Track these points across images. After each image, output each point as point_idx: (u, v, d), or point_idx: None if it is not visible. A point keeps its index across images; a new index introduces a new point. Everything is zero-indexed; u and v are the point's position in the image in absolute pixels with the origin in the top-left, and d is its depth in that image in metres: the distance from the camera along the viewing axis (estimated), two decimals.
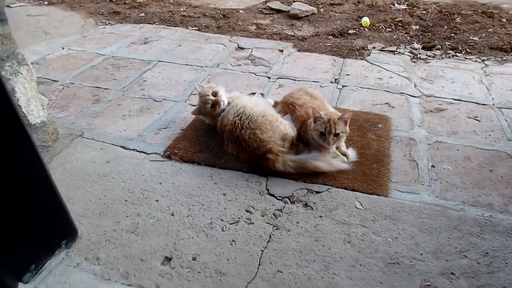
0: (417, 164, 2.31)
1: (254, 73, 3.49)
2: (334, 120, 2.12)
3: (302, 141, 2.35)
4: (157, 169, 2.28)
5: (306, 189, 2.10)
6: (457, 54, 3.85)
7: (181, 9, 5.25)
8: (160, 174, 2.24)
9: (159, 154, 2.41)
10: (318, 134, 2.14)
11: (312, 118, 2.18)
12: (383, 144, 2.46)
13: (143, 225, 1.90)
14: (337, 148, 2.32)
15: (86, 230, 1.88)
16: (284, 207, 1.99)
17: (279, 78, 3.40)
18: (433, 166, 2.30)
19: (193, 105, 2.94)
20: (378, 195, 2.05)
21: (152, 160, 2.36)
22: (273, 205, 2.00)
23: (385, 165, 2.28)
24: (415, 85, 3.25)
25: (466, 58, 3.77)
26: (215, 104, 2.50)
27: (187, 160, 2.33)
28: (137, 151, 2.44)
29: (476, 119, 2.79)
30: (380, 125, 2.66)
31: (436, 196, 2.07)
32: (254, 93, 3.03)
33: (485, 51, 3.91)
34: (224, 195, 2.08)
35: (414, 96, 3.08)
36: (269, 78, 3.40)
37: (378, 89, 3.20)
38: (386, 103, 2.99)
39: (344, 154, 2.29)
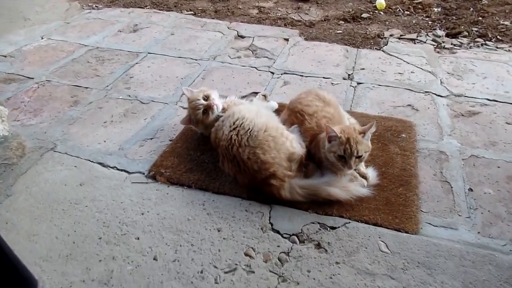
0: (451, 187, 1.92)
1: (255, 67, 3.06)
2: (356, 138, 1.72)
3: (312, 159, 1.96)
4: (139, 194, 1.91)
5: (319, 223, 1.72)
6: (487, 42, 3.39)
7: None
8: (143, 201, 1.87)
9: (143, 173, 2.03)
10: (336, 157, 1.74)
11: (325, 136, 1.78)
12: (408, 160, 2.07)
13: (119, 274, 1.54)
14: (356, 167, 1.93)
15: (49, 280, 1.53)
16: (291, 248, 1.62)
17: (284, 73, 2.97)
18: (470, 189, 1.91)
19: (185, 108, 2.53)
20: (407, 232, 1.67)
21: (135, 181, 1.98)
22: (278, 246, 1.64)
23: (413, 188, 1.89)
24: (441, 82, 2.82)
25: (497, 48, 3.30)
26: (208, 109, 2.10)
27: (175, 182, 1.96)
28: (117, 169, 2.07)
29: None
30: (403, 135, 2.25)
31: (478, 233, 1.69)
32: (256, 93, 2.62)
33: None
34: (218, 231, 1.71)
35: (441, 96, 2.66)
36: (272, 73, 2.98)
37: (398, 87, 2.77)
38: (409, 105, 2.57)
39: (364, 176, 1.90)
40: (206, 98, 2.13)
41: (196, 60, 3.18)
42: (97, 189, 1.94)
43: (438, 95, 2.66)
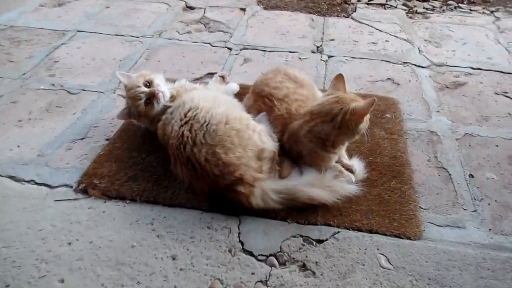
0: (450, 175, 1.63)
1: (209, 43, 2.60)
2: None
3: (286, 154, 1.58)
4: (65, 216, 1.45)
5: (301, 236, 1.37)
6: (460, 5, 3.13)
7: None
8: (70, 225, 1.42)
9: (71, 187, 1.57)
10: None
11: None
12: (397, 145, 1.75)
13: None
14: (339, 159, 1.59)
15: None
16: (270, 274, 1.26)
17: (244, 48, 2.54)
18: (471, 175, 1.63)
19: (124, 98, 2.06)
20: (409, 238, 1.36)
21: (59, 199, 1.52)
22: (253, 273, 1.26)
23: (407, 180, 1.58)
24: (419, 50, 2.52)
25: (471, 10, 3.05)
26: (151, 98, 1.65)
27: (113, 195, 1.52)
28: (35, 183, 1.58)
29: (506, 96, 2.12)
30: (388, 115, 1.93)
31: (490, 230, 1.41)
32: (212, 75, 2.19)
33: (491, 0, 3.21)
34: (173, 259, 1.31)
35: (422, 67, 2.36)
36: (230, 49, 2.54)
37: (374, 58, 2.44)
38: (389, 79, 2.25)
39: (350, 170, 1.56)
40: (149, 84, 1.67)
41: (137, 37, 2.66)
42: (5, 214, 1.45)
43: (418, 66, 2.36)
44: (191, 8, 3.07)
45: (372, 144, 1.74)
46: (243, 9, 3.04)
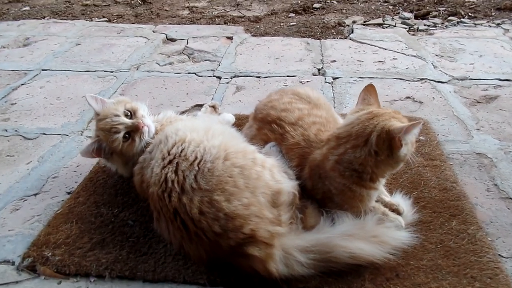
0: None
1: (195, 73, 2.27)
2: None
3: (309, 195, 1.18)
4: None
5: None
6: (462, 20, 2.91)
7: None
8: None
9: (12, 263, 1.12)
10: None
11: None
12: (443, 173, 1.37)
13: None
14: (378, 198, 1.19)
15: None
16: None
17: (235, 76, 2.21)
18: None
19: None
20: None
21: None
22: None
23: (471, 218, 1.18)
24: (434, 66, 2.22)
25: (476, 24, 2.83)
26: (133, 133, 1.26)
27: (72, 272, 1.07)
28: None
29: None
30: (421, 137, 1.57)
31: None
32: (201, 106, 1.82)
33: (493, 13, 3.02)
34: None
35: (442, 82, 2.05)
36: (219, 78, 2.20)
37: (385, 77, 2.12)
38: (408, 97, 1.92)
39: (396, 210, 1.16)
40: (131, 113, 1.29)
41: (111, 72, 2.31)
42: None
43: (438, 81, 2.05)
44: (172, 40, 2.77)
45: (412, 175, 1.36)
46: (230, 38, 2.75)
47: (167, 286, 1.03)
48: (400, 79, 2.10)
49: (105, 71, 2.33)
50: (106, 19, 3.28)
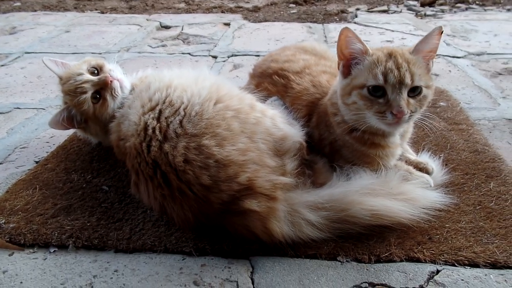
0: None
1: (189, 53, 2.10)
2: (404, 55, 0.83)
3: (318, 149, 0.99)
4: None
5: (372, 285, 0.73)
6: (471, 6, 2.78)
7: None
8: None
9: None
10: (365, 97, 0.83)
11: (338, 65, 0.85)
12: (471, 137, 1.18)
13: None
14: (402, 157, 1.00)
15: None
16: None
17: (232, 55, 2.04)
18: None
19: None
20: None
21: None
22: None
23: (509, 179, 0.99)
24: (446, 44, 2.06)
25: (486, 10, 2.70)
26: (103, 90, 1.07)
27: (29, 242, 0.87)
28: None
29: None
30: (442, 103, 1.39)
31: None
32: None
33: (501, 0, 2.89)
34: None
35: (458, 57, 1.89)
36: (215, 57, 2.03)
37: None
38: None
39: (424, 169, 0.97)
40: (97, 70, 1.11)
41: (99, 54, 2.15)
42: None
43: (453, 57, 1.89)
44: (167, 27, 2.62)
45: (437, 138, 1.17)
46: (227, 24, 2.61)
47: (144, 256, 0.83)
48: None
49: (92, 53, 2.17)
50: (99, 11, 3.15)
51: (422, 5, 2.88)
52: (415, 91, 0.84)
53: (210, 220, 0.82)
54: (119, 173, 1.07)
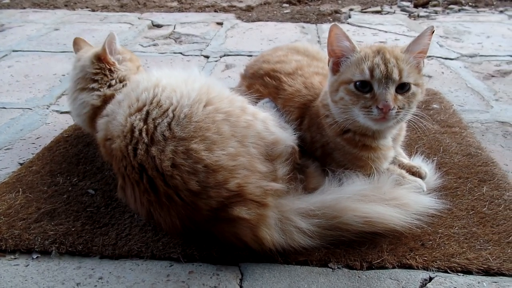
0: None
1: (181, 53, 2.07)
2: (393, 52, 0.83)
3: (310, 153, 0.97)
4: None
5: None
6: (464, 7, 2.79)
7: None
8: None
9: None
10: (352, 92, 0.83)
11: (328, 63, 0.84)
12: (464, 140, 1.17)
13: None
14: (395, 160, 0.98)
15: None
16: None
17: (225, 55, 2.02)
18: None
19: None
20: None
21: None
22: None
23: (502, 183, 0.98)
24: (440, 45, 2.06)
25: (478, 11, 2.70)
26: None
27: (10, 248, 0.84)
28: None
29: None
30: (435, 105, 1.38)
31: None
32: None
33: (494, 2, 2.90)
34: None
35: (451, 59, 1.88)
36: (207, 57, 2.01)
37: None
38: None
39: (416, 173, 0.95)
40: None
41: None
42: None
43: (446, 58, 1.89)
44: (158, 25, 2.59)
45: (429, 141, 1.16)
46: (220, 23, 2.58)
47: (130, 262, 0.80)
48: None
49: None
50: (90, 9, 3.10)
51: (416, 6, 2.88)
52: (403, 88, 0.83)
53: (198, 227, 0.80)
54: (106, 176, 1.05)
